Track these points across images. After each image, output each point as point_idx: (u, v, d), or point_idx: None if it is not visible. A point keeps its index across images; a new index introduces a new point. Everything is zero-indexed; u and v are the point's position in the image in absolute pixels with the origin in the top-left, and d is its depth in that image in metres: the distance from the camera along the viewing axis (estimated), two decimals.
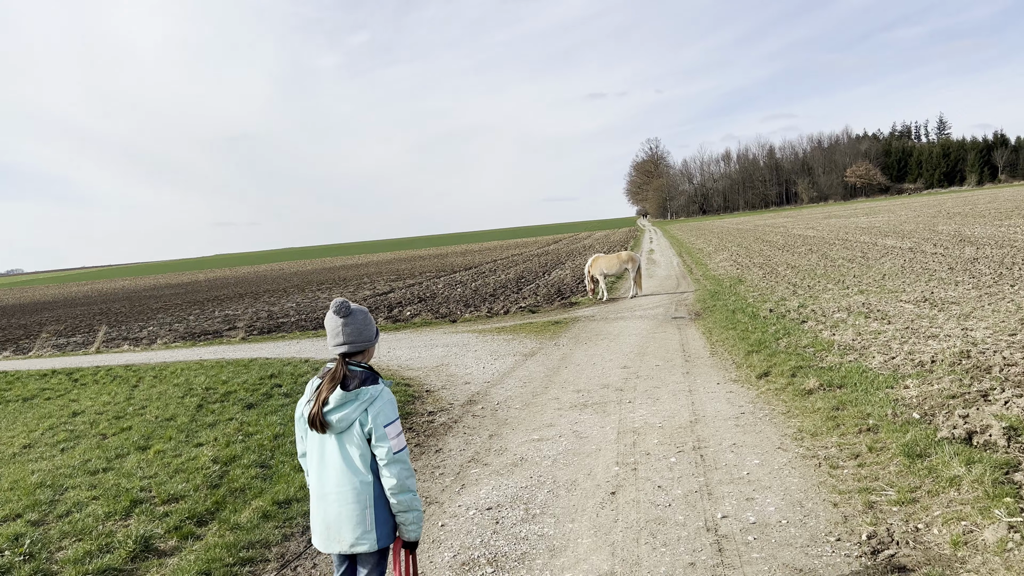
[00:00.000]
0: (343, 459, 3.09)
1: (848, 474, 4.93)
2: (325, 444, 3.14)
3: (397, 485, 3.05)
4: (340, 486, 3.09)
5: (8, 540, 5.63)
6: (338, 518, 3.10)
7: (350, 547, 3.11)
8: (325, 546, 3.18)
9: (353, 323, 3.16)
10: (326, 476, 3.14)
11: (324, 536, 3.17)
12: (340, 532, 3.10)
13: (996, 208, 47.67)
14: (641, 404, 7.85)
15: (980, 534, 3.73)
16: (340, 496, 3.09)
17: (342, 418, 3.06)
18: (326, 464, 3.14)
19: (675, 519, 4.61)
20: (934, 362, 7.74)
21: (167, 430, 9.29)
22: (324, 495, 3.15)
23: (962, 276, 16.11)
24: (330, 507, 3.12)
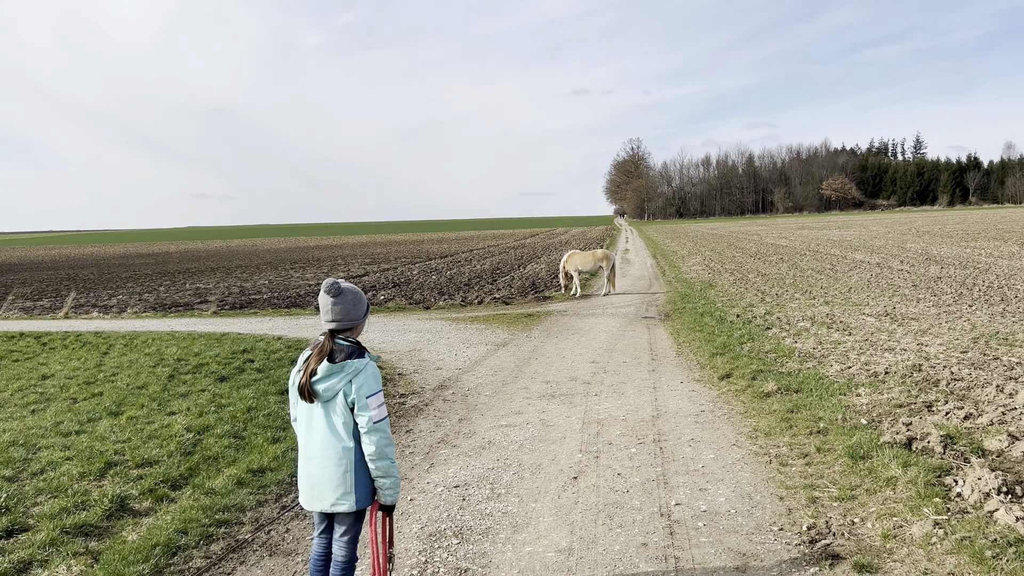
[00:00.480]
0: (328, 425, 3.32)
1: (796, 471, 5.27)
2: (313, 411, 3.37)
3: (376, 452, 3.28)
4: (324, 450, 3.33)
5: None
6: (321, 479, 3.34)
7: (331, 506, 3.35)
8: (308, 504, 3.42)
9: (342, 302, 3.37)
10: (312, 440, 3.38)
11: (308, 495, 3.41)
12: (322, 492, 3.34)
13: (964, 229, 48.86)
14: (607, 397, 8.14)
15: (908, 529, 4.07)
16: (324, 459, 3.33)
17: (328, 388, 3.29)
18: (313, 429, 3.38)
19: (632, 504, 4.90)
20: (887, 373, 8.12)
21: (139, 398, 9.35)
22: (310, 458, 3.39)
23: (924, 293, 16.65)
24: (314, 469, 3.36)
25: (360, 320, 3.45)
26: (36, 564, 4.44)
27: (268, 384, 9.83)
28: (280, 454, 6.39)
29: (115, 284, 33.23)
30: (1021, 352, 9.37)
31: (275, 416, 7.98)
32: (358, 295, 3.46)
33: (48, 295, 28.95)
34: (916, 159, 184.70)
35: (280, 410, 8.25)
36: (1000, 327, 11.65)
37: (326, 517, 3.52)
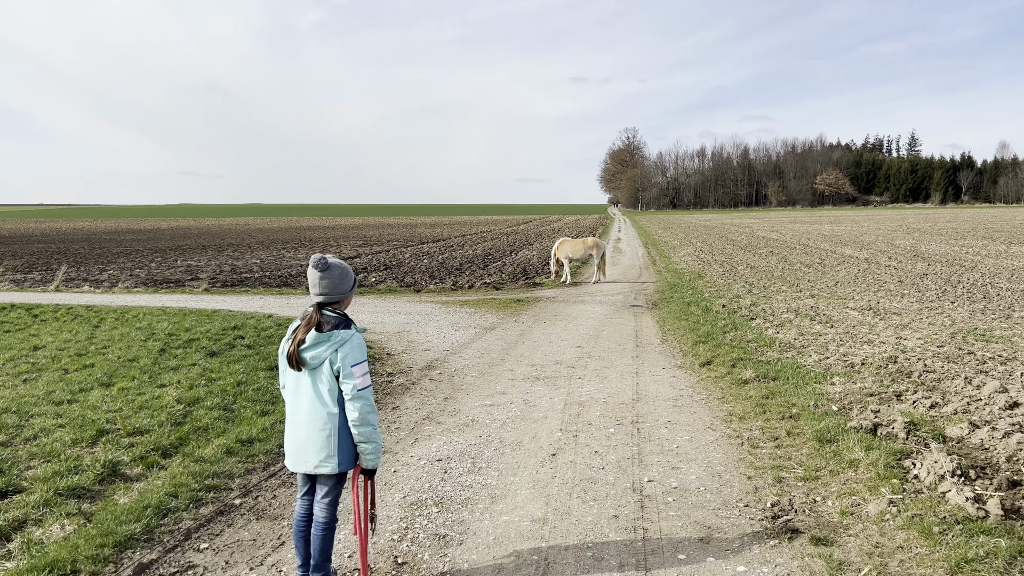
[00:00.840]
0: (314, 392, 3.51)
1: (765, 453, 5.47)
2: (300, 379, 3.57)
3: (359, 418, 3.47)
4: (310, 415, 3.52)
5: None
6: (305, 442, 3.54)
7: (314, 468, 3.56)
8: (293, 465, 3.63)
9: (329, 277, 3.55)
10: (299, 405, 3.58)
11: (294, 457, 3.62)
12: (307, 454, 3.55)
13: (954, 227, 49.23)
14: (590, 381, 8.33)
15: (865, 507, 4.27)
16: (309, 424, 3.53)
17: (315, 356, 3.48)
18: (300, 395, 3.58)
19: (606, 480, 5.10)
20: (863, 364, 8.34)
21: (130, 370, 9.48)
22: (296, 421, 3.59)
23: (909, 289, 16.88)
24: (300, 432, 3.56)
25: (346, 294, 3.62)
26: (31, 523, 4.60)
27: (258, 360, 9.96)
28: (268, 426, 6.56)
29: (106, 259, 33.13)
30: (996, 347, 9.61)
31: (264, 391, 8.13)
32: (344, 270, 3.63)
33: (38, 268, 28.89)
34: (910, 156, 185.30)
35: (269, 385, 8.41)
36: (979, 323, 11.88)
37: (309, 480, 3.70)
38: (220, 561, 4.04)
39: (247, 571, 3.93)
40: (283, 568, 3.96)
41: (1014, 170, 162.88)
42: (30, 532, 4.45)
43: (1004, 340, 10.22)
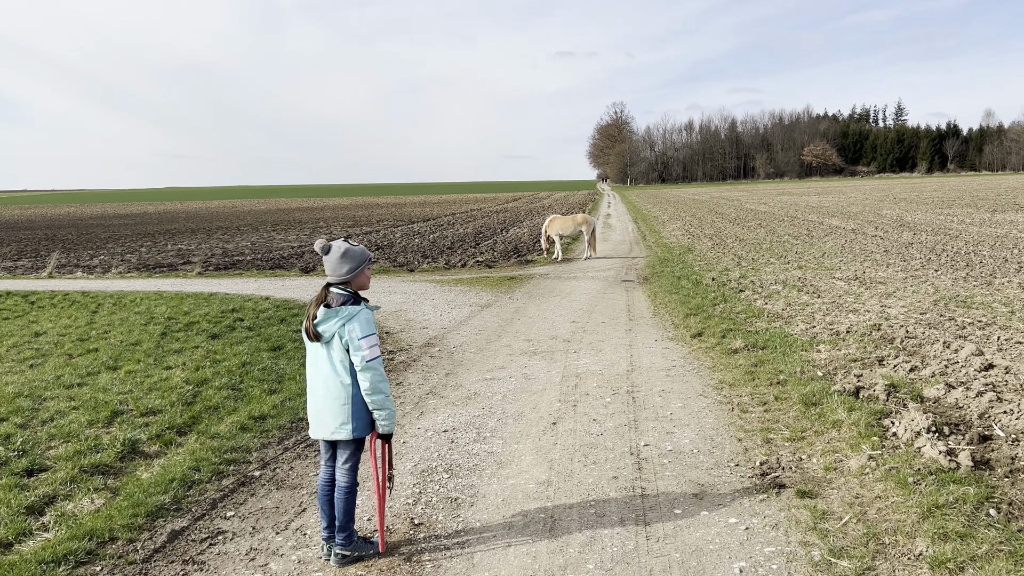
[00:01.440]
0: (329, 364, 3.80)
1: (755, 417, 5.78)
2: (318, 351, 3.86)
3: (370, 387, 3.74)
4: (326, 385, 3.81)
5: (1, 437, 6.12)
6: (323, 410, 3.84)
7: (331, 434, 3.84)
8: (314, 431, 3.94)
9: (330, 260, 3.82)
10: (317, 376, 3.87)
11: (314, 425, 3.93)
12: (324, 421, 3.85)
13: (940, 197, 49.62)
14: (585, 354, 8.61)
15: (847, 462, 4.58)
16: (326, 393, 3.82)
17: (326, 329, 3.77)
18: (317, 367, 3.87)
19: (605, 445, 5.39)
20: (848, 332, 8.65)
21: (134, 353, 9.67)
22: (315, 390, 3.90)
23: (894, 259, 17.21)
24: (318, 401, 3.87)
25: (349, 275, 3.81)
26: (60, 498, 4.84)
27: (260, 341, 10.17)
28: (278, 403, 6.81)
29: (95, 244, 33.03)
30: (976, 313, 9.93)
31: (269, 370, 8.36)
32: (345, 254, 3.80)
33: (27, 255, 28.83)
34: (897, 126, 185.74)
35: (273, 365, 8.64)
36: (961, 290, 12.21)
37: (331, 446, 3.99)
38: (247, 527, 4.31)
39: (273, 535, 4.20)
40: (307, 531, 4.24)
41: (999, 138, 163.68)
42: (62, 506, 4.70)
43: (984, 306, 10.55)
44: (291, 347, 9.69)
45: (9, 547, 4.15)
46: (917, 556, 3.42)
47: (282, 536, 4.18)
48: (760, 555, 3.67)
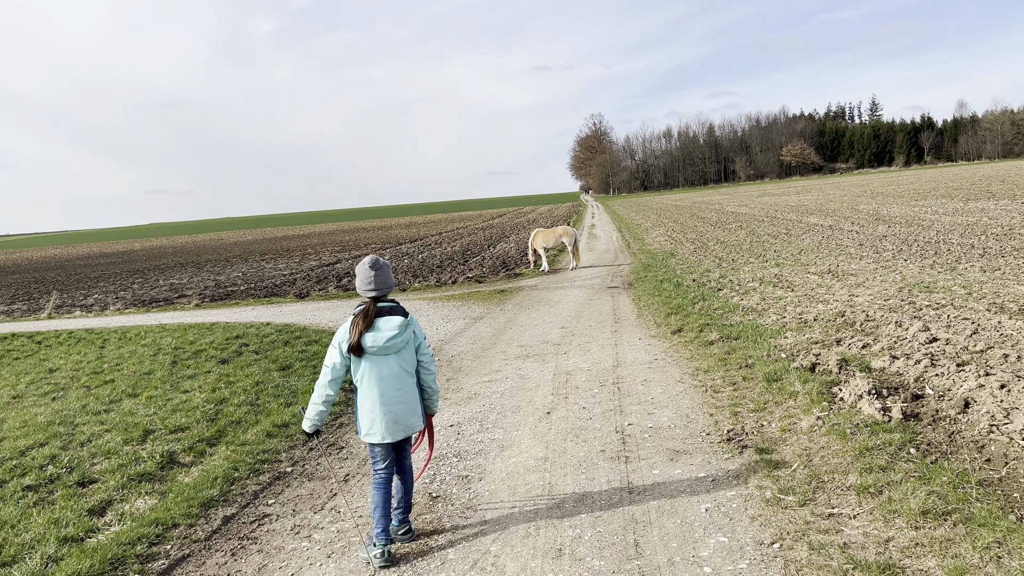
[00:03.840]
0: (402, 369, 4.18)
1: (725, 396, 6.50)
2: (384, 363, 4.15)
3: (432, 376, 4.36)
4: (402, 390, 4.18)
5: (46, 459, 6.73)
6: (404, 412, 4.20)
7: (415, 428, 4.28)
8: (393, 436, 4.19)
9: (382, 274, 4.20)
10: (388, 385, 4.15)
11: (393, 428, 4.18)
12: (407, 421, 4.22)
13: (916, 189, 50.69)
14: (575, 354, 9.31)
15: (799, 424, 5.31)
16: (404, 397, 4.19)
17: (405, 338, 4.17)
18: (386, 378, 4.15)
19: (593, 427, 6.10)
20: (815, 320, 9.40)
21: (150, 381, 10.26)
22: (391, 399, 4.16)
23: (867, 251, 17.98)
24: (397, 407, 4.17)
25: (392, 288, 4.32)
26: (116, 501, 5.48)
27: (269, 363, 10.79)
28: (297, 412, 7.45)
29: (86, 284, 33.38)
30: (936, 297, 10.70)
31: (282, 387, 8.99)
32: (389, 268, 4.32)
33: (20, 299, 29.19)
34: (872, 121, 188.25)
35: (285, 382, 9.26)
36: (926, 277, 12.97)
37: (392, 447, 4.30)
38: (288, 510, 4.98)
39: (312, 514, 4.87)
40: (340, 510, 4.91)
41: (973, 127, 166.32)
42: (119, 507, 5.34)
43: (945, 290, 11.32)
44: (299, 366, 10.31)
45: (80, 541, 4.78)
46: (848, 487, 4.14)
47: (319, 515, 4.86)
48: (723, 497, 4.38)
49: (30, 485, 6.02)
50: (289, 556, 4.30)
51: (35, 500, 5.65)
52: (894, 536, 3.60)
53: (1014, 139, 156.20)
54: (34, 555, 4.49)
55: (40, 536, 4.82)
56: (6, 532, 4.97)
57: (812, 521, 3.92)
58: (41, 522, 5.11)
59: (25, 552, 4.58)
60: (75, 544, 4.67)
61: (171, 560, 4.34)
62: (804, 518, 3.96)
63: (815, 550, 3.60)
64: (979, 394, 5.05)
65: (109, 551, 4.39)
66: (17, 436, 7.83)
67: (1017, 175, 56.51)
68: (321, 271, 28.45)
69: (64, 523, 5.04)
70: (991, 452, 4.25)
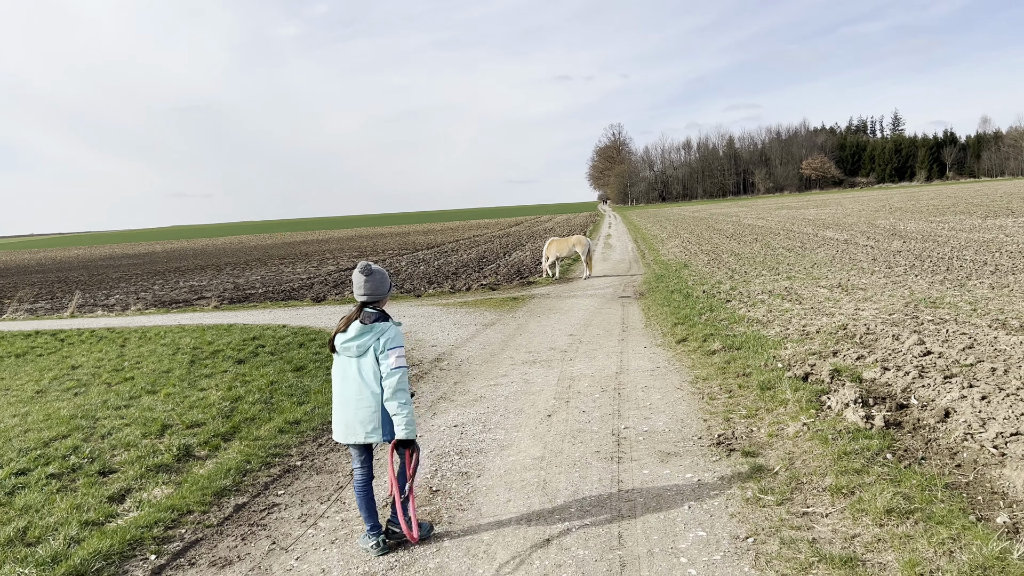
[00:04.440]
0: (360, 376, 4.20)
1: (720, 403, 6.72)
2: (348, 365, 4.26)
3: (390, 392, 4.14)
4: (357, 395, 4.21)
5: (68, 449, 7.06)
6: (353, 419, 4.25)
7: (364, 438, 4.25)
8: (344, 438, 4.32)
9: (372, 281, 4.29)
10: (347, 387, 4.27)
11: (344, 431, 4.32)
12: (355, 428, 4.26)
13: (936, 205, 50.42)
14: (580, 361, 9.54)
15: (786, 430, 5.51)
16: (357, 403, 4.22)
17: (361, 344, 4.18)
18: (347, 379, 4.26)
19: (591, 429, 6.33)
20: (818, 332, 9.56)
21: (169, 379, 10.60)
22: (345, 402, 4.29)
23: (880, 266, 18.04)
24: (349, 411, 4.27)
25: (385, 295, 4.38)
26: (134, 490, 5.78)
27: (283, 364, 11.10)
28: (309, 411, 7.75)
29: (108, 285, 33.91)
30: (940, 312, 10.82)
31: (295, 387, 9.29)
32: (384, 275, 4.41)
33: (43, 297, 29.79)
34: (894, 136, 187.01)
35: (299, 382, 9.56)
36: (934, 292, 13.06)
37: (364, 450, 4.41)
38: (296, 500, 5.25)
39: (319, 505, 5.14)
40: (345, 501, 5.18)
41: (996, 144, 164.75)
42: (138, 495, 5.64)
43: (950, 306, 11.42)
44: (313, 367, 10.62)
45: (100, 525, 5.07)
46: (824, 488, 4.35)
47: (325, 505, 5.12)
48: (706, 496, 4.61)
49: (53, 473, 6.34)
50: (295, 541, 4.57)
51: (58, 487, 5.97)
52: (860, 533, 3.82)
53: None
54: (57, 536, 4.78)
55: (63, 520, 5.13)
56: (31, 516, 5.28)
57: (786, 519, 4.14)
58: (64, 507, 5.41)
59: (48, 534, 4.88)
60: (96, 527, 4.96)
61: (185, 542, 4.63)
62: (779, 516, 4.19)
63: (785, 544, 3.82)
64: (960, 405, 5.23)
65: (128, 533, 4.69)
66: (41, 428, 8.17)
67: None
68: (339, 276, 28.84)
69: (86, 508, 5.35)
70: (962, 458, 4.45)
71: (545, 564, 3.97)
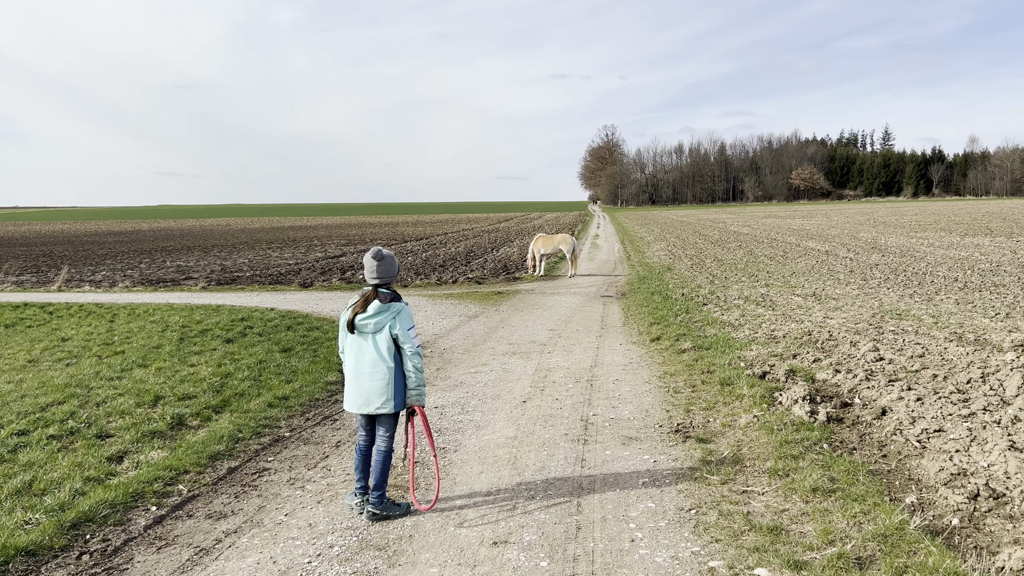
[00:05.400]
0: (376, 351, 4.58)
1: (683, 396, 7.21)
2: (363, 341, 4.63)
3: (413, 367, 4.63)
4: (373, 369, 4.60)
5: (66, 414, 7.42)
6: (369, 390, 4.62)
7: (376, 409, 4.62)
8: (358, 409, 4.68)
9: (383, 265, 4.67)
10: (362, 362, 4.64)
11: (358, 401, 4.67)
12: (370, 399, 4.62)
13: (919, 221, 51.26)
14: (558, 354, 10.00)
15: (738, 420, 6.00)
16: (372, 375, 4.60)
17: (378, 322, 4.56)
18: (363, 354, 4.63)
19: (562, 415, 6.81)
20: (784, 336, 10.07)
21: (159, 355, 10.92)
22: (360, 375, 4.65)
23: (855, 278, 18.59)
24: (364, 383, 4.63)
25: (394, 277, 4.81)
26: (131, 452, 6.16)
27: (271, 345, 11.44)
28: (297, 388, 8.14)
29: (94, 261, 33.76)
30: (904, 323, 11.35)
31: (283, 367, 9.66)
32: (393, 259, 4.82)
33: (29, 271, 29.73)
34: (883, 151, 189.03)
35: (286, 362, 9.93)
36: (902, 305, 13.61)
37: (369, 420, 4.81)
38: (285, 466, 5.67)
39: (305, 471, 5.57)
40: (331, 468, 5.61)
41: (983, 163, 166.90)
42: (135, 457, 6.02)
43: (914, 318, 11.96)
44: (300, 349, 10.99)
45: (102, 481, 5.46)
46: (763, 471, 4.84)
47: (312, 471, 5.55)
48: (660, 474, 5.10)
49: (53, 435, 6.71)
50: (284, 500, 5.00)
51: (59, 447, 6.34)
52: (788, 508, 4.33)
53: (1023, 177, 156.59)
54: (63, 488, 5.18)
55: (66, 475, 5.51)
56: (35, 471, 5.66)
57: (727, 495, 4.64)
58: (65, 465, 5.79)
59: (53, 487, 5.27)
60: (98, 483, 5.35)
61: (183, 497, 5.04)
62: (721, 493, 4.69)
63: (723, 515, 4.31)
64: (896, 404, 5.73)
65: (130, 487, 5.09)
66: (37, 395, 8.50)
67: (1020, 213, 57.03)
68: (326, 263, 29.09)
69: (86, 466, 5.73)
70: (889, 449, 4.94)
71: (510, 524, 4.44)
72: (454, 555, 4.03)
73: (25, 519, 4.64)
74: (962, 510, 4.04)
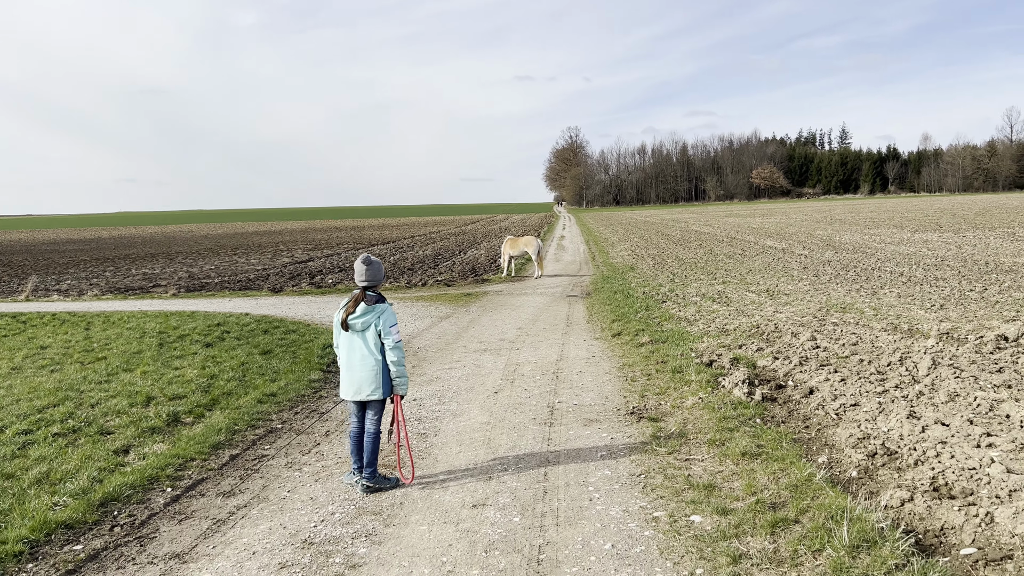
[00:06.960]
0: (364, 346, 5.30)
1: (639, 384, 7.97)
2: (353, 338, 5.35)
3: (396, 361, 5.31)
4: (363, 361, 5.32)
5: (64, 415, 7.88)
6: (360, 380, 5.34)
7: (366, 396, 5.34)
8: (352, 396, 5.39)
9: (371, 269, 5.38)
10: (354, 356, 5.35)
11: (352, 390, 5.39)
12: (361, 387, 5.35)
13: (873, 217, 52.89)
14: (526, 350, 10.69)
15: (685, 402, 6.78)
16: (362, 367, 5.32)
17: (364, 321, 5.28)
18: (353, 349, 5.34)
19: (531, 403, 7.53)
20: (734, 329, 10.88)
21: (141, 359, 11.31)
22: (352, 367, 5.37)
23: (808, 275, 19.52)
24: (356, 374, 5.35)
25: (381, 281, 5.49)
26: (135, 446, 6.69)
27: (251, 348, 11.89)
28: (283, 386, 8.71)
29: (57, 270, 33.35)
30: (847, 316, 12.23)
31: (265, 368, 10.16)
32: (380, 265, 5.50)
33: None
34: (841, 149, 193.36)
35: (268, 364, 10.43)
36: (848, 299, 14.51)
37: (360, 406, 5.49)
38: (281, 453, 6.28)
39: (300, 456, 6.19)
40: (323, 453, 6.24)
41: (936, 160, 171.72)
42: (140, 450, 6.56)
43: (857, 311, 12.86)
44: (279, 351, 11.49)
45: (113, 471, 5.99)
46: (704, 442, 5.61)
47: (307, 456, 6.18)
48: (616, 448, 5.85)
49: (57, 433, 7.19)
50: (285, 481, 5.62)
51: (65, 444, 6.84)
52: (722, 469, 5.11)
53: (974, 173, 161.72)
54: (80, 476, 5.71)
55: (79, 466, 6.04)
56: (49, 463, 6.17)
57: (672, 462, 5.41)
58: (76, 458, 6.31)
59: (70, 476, 5.80)
60: (111, 472, 5.90)
61: (194, 480, 5.63)
62: (668, 461, 5.46)
63: (668, 478, 5.07)
64: (823, 385, 6.53)
65: (145, 472, 5.66)
66: (31, 398, 8.90)
67: (968, 210, 59.15)
68: (294, 268, 29.38)
69: (96, 459, 6.25)
70: (811, 421, 5.73)
71: (487, 491, 5.15)
72: (440, 515, 4.72)
73: (53, 502, 5.18)
74: (860, 465, 4.83)
